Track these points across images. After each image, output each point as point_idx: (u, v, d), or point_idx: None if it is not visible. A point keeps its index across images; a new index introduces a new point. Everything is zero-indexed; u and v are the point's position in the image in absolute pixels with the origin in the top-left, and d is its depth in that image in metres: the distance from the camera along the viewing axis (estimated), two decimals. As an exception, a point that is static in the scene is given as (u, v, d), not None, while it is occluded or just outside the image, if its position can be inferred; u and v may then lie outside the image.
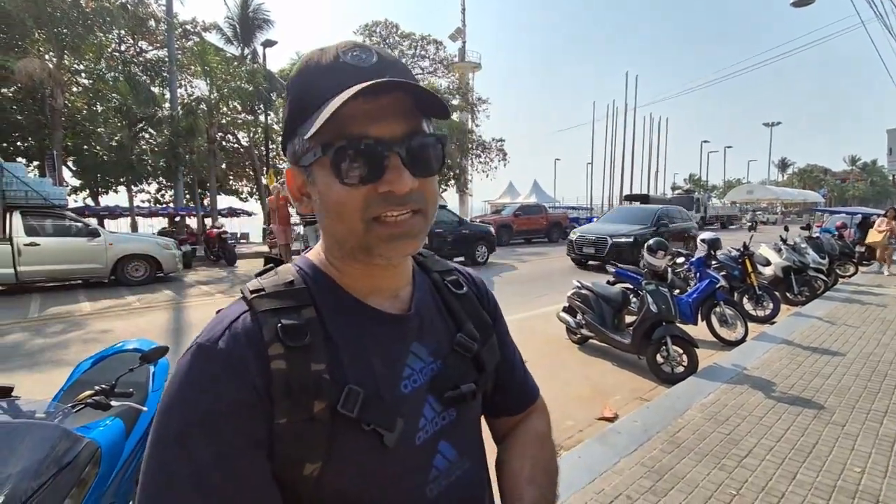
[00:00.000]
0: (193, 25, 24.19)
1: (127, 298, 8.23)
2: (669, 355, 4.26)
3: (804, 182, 68.03)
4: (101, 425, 1.65)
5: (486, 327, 0.73)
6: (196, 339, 0.55)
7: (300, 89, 0.56)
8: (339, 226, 0.56)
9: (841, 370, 4.22)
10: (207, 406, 0.49)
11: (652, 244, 4.76)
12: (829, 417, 3.30)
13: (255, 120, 22.53)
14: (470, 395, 0.66)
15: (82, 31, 13.97)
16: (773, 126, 61.58)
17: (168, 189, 26.21)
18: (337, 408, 0.53)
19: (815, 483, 2.53)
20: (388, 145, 0.52)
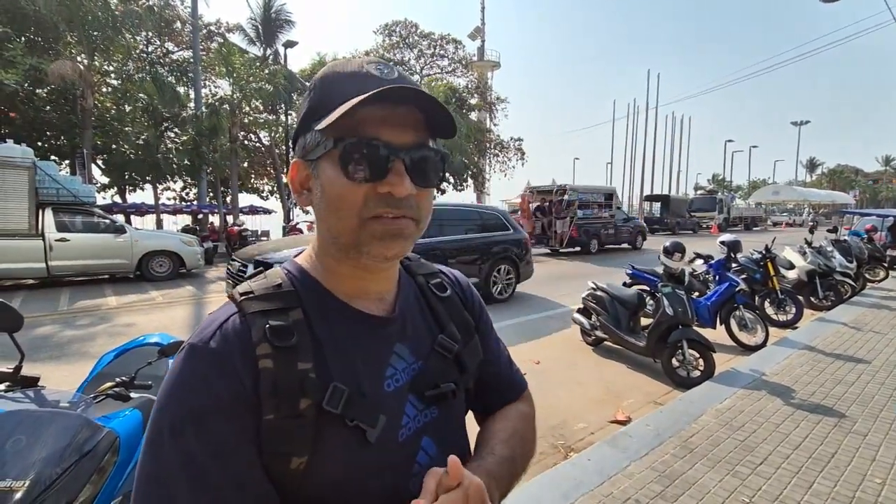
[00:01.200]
0: (218, 27, 24.74)
1: (151, 293, 8.48)
2: (685, 359, 4.20)
3: (834, 183, 65.86)
4: (121, 416, 1.71)
5: (467, 328, 0.75)
6: (188, 339, 0.57)
7: (321, 90, 0.60)
8: (336, 220, 0.58)
9: (865, 378, 4.09)
10: (199, 403, 0.52)
11: (669, 246, 4.69)
12: (851, 426, 3.21)
13: (277, 119, 22.91)
14: (450, 393, 0.68)
15: (112, 33, 14.43)
16: (802, 125, 59.80)
17: (192, 187, 26.87)
18: (322, 405, 0.56)
19: (832, 493, 2.47)
20: (395, 150, 0.56)
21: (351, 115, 0.54)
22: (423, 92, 0.56)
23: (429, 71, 37.79)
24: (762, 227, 34.73)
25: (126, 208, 21.65)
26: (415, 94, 0.56)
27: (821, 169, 75.14)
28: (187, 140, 16.67)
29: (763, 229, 33.48)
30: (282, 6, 22.63)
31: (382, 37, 37.55)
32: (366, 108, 0.54)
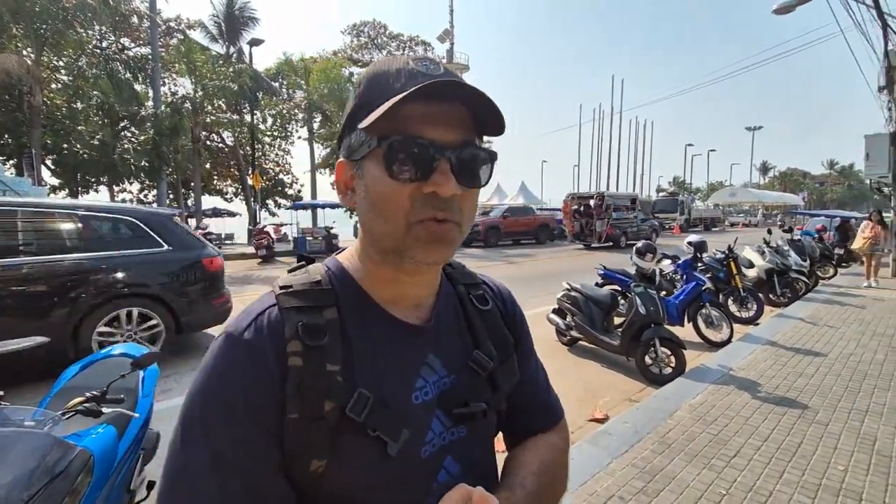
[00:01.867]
0: (178, 23, 23.91)
1: (109, 301, 8.05)
2: (658, 357, 4.32)
3: (784, 185, 69.58)
4: (94, 433, 1.61)
5: (506, 346, 0.72)
6: (226, 327, 0.58)
7: (366, 88, 0.58)
8: (380, 222, 0.57)
9: (823, 370, 4.32)
10: (229, 393, 0.53)
11: (640, 247, 4.83)
12: (813, 417, 3.38)
13: (241, 119, 22.30)
14: (480, 413, 0.65)
15: (62, 26, 13.69)
16: (755, 130, 62.90)
17: (151, 189, 25.80)
18: (345, 410, 0.54)
19: (800, 482, 2.59)
20: (440, 148, 0.54)
21: (395, 113, 0.52)
22: (469, 86, 0.54)
23: (398, 72, 37.65)
24: (721, 228, 36.24)
25: (79, 211, 20.56)
26: (460, 90, 0.54)
27: (773, 172, 79.29)
28: (146, 140, 15.97)
29: (722, 230, 34.95)
30: (246, 3, 22.10)
31: (351, 37, 37.21)
32: (410, 106, 0.52)
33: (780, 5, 10.51)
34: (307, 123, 25.23)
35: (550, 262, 13.78)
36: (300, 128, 27.55)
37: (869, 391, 3.84)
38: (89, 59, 16.90)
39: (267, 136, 27.33)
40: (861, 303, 7.33)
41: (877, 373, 4.25)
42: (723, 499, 2.43)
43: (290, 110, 25.59)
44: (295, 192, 30.52)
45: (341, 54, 34.37)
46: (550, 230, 21.47)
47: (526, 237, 20.48)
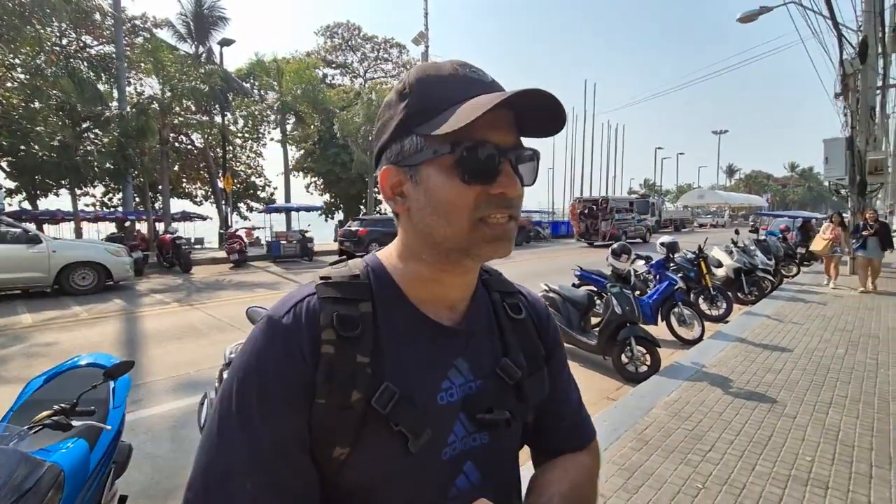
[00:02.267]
0: (143, 21, 23.15)
1: (73, 309, 7.73)
2: (634, 355, 4.42)
3: (749, 187, 72.25)
4: (63, 447, 1.54)
5: (536, 357, 0.72)
6: (268, 311, 0.62)
7: (419, 94, 0.59)
8: (444, 225, 0.58)
9: (790, 365, 4.50)
10: (264, 373, 0.56)
11: (616, 248, 4.93)
12: (782, 410, 3.51)
13: (211, 121, 21.72)
14: (503, 422, 0.64)
15: (18, 22, 13.06)
16: (721, 134, 65.13)
17: (115, 192, 24.87)
18: (370, 401, 0.56)
19: (772, 473, 2.68)
20: (503, 151, 0.57)
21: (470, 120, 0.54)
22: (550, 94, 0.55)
23: (373, 74, 37.48)
24: (690, 229, 37.38)
25: (38, 216, 19.70)
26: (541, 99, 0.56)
27: (739, 174, 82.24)
28: (111, 141, 15.38)
29: (691, 230, 36.05)
30: (215, 2, 21.53)
31: (324, 38, 36.84)
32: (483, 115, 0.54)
33: (744, 14, 10.94)
34: (280, 125, 24.79)
35: (527, 263, 13.92)
36: (272, 129, 27.08)
37: (832, 384, 4.02)
38: (48, 56, 16.17)
39: (238, 137, 26.74)
40: (822, 300, 7.66)
41: (839, 366, 4.45)
42: (699, 493, 2.49)
43: (261, 111, 25.12)
44: (268, 196, 29.94)
45: (315, 55, 33.98)
46: (526, 232, 21.70)
47: (502, 239, 20.57)
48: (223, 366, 2.62)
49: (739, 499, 2.44)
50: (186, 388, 4.25)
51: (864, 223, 8.63)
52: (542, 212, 32.57)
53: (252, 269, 13.40)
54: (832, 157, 12.05)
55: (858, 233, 8.62)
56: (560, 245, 21.89)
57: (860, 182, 11.02)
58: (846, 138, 11.35)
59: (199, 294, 9.27)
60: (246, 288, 10.11)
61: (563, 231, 27.93)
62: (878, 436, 3.12)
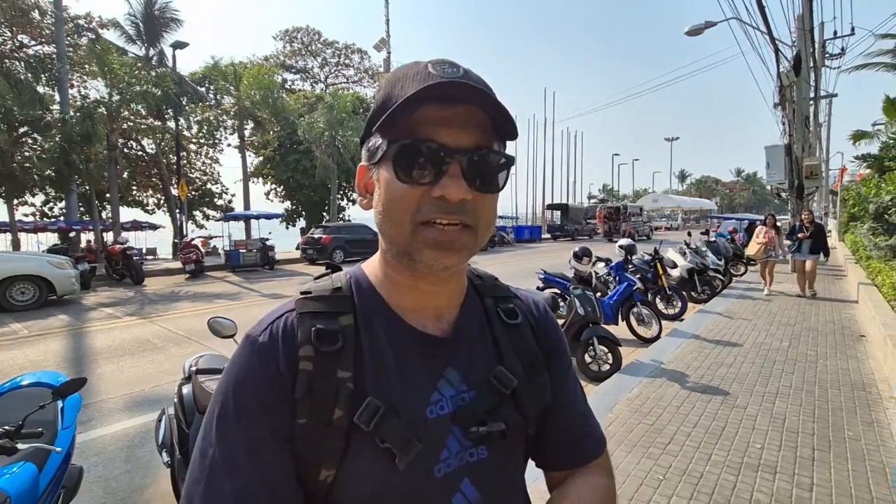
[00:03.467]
0: (88, 21, 22.00)
1: (12, 326, 7.20)
2: (597, 355, 4.55)
3: (700, 191, 75.94)
4: (8, 472, 1.45)
5: (535, 364, 0.67)
6: (248, 329, 0.60)
7: (385, 93, 0.57)
8: (390, 225, 0.56)
9: (740, 359, 4.76)
10: (242, 394, 0.55)
11: (578, 251, 5.07)
12: (734, 402, 3.70)
13: (163, 126, 20.85)
14: (498, 434, 0.60)
15: (-53, 20, 12.17)
16: (673, 141, 68.18)
17: (57, 201, 23.41)
18: (354, 418, 0.54)
19: (726, 461, 2.83)
20: (450, 152, 0.53)
21: (408, 117, 0.52)
22: (478, 89, 0.52)
23: (334, 80, 37.09)
24: (645, 232, 38.80)
25: (-31, 227, 18.27)
26: (468, 92, 0.52)
27: (690, 179, 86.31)
28: (52, 147, 14.48)
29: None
30: (167, 3, 20.74)
31: (283, 43, 36.21)
32: (424, 109, 0.52)
33: (691, 28, 11.56)
34: (238, 131, 24.10)
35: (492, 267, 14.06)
36: (230, 135, 26.28)
37: (778, 375, 4.28)
38: (-20, 56, 15.11)
39: (193, 143, 25.78)
40: (768, 297, 8.14)
41: (783, 359, 4.75)
42: (660, 483, 2.60)
43: (217, 116, 24.34)
44: (225, 203, 28.97)
45: (273, 60, 33.30)
46: (491, 237, 21.91)
47: (467, 244, 20.77)
48: (182, 380, 2.52)
49: (697, 487, 2.56)
50: (142, 406, 4.05)
51: (800, 224, 8.38)
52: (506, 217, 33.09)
53: (210, 280, 12.92)
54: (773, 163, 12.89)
55: (795, 235, 8.35)
56: (524, 249, 22.26)
57: (798, 185, 11.83)
58: (785, 145, 12.17)
59: (152, 307, 8.85)
60: (204, 299, 9.73)
61: (526, 235, 28.42)
62: (819, 422, 3.34)
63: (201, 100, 22.55)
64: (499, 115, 0.54)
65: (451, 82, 0.52)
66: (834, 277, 10.40)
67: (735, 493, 2.51)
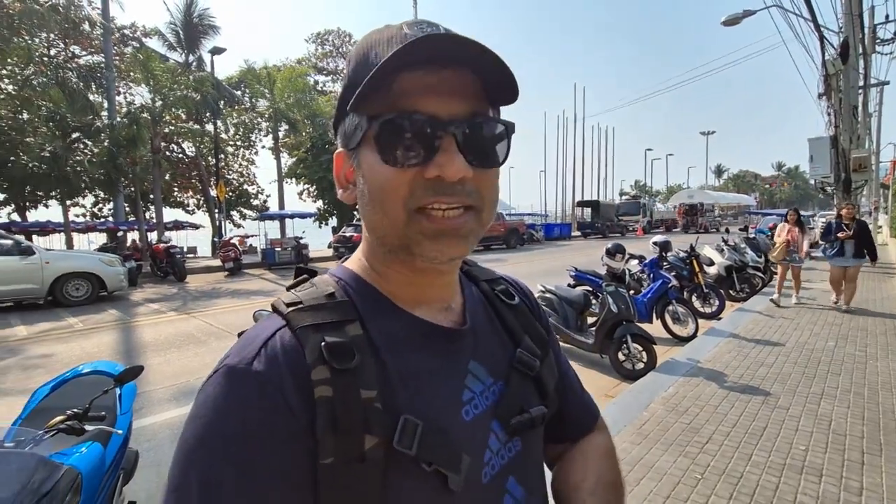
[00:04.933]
0: (133, 30, 23.13)
1: (68, 320, 7.67)
2: (630, 353, 4.48)
3: (738, 186, 73.10)
4: (78, 451, 1.57)
5: (543, 342, 0.64)
6: (223, 360, 0.47)
7: (355, 66, 0.49)
8: (380, 216, 0.49)
9: (782, 359, 4.59)
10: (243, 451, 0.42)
11: (611, 248, 5.01)
12: (775, 402, 3.58)
13: (202, 129, 21.69)
14: (539, 419, 0.57)
15: (7, 33, 13.01)
16: (709, 135, 65.89)
17: (106, 202, 24.71)
18: (393, 444, 0.45)
19: (767, 462, 2.75)
20: (442, 124, 0.45)
21: (387, 88, 0.44)
22: (469, 41, 0.44)
23: (363, 81, 37.56)
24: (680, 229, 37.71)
25: (27, 227, 19.49)
26: (459, 48, 0.44)
27: (727, 174, 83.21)
28: (101, 151, 15.30)
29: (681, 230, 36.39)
30: (205, 10, 21.58)
31: (315, 45, 36.95)
32: (405, 77, 0.44)
33: (728, 18, 11.16)
34: (272, 132, 24.81)
35: (523, 265, 14.00)
36: (264, 137, 27.08)
37: (823, 376, 4.11)
38: (37, 67, 16.08)
39: (230, 145, 26.68)
40: (811, 295, 7.79)
41: (829, 359, 4.55)
42: (698, 483, 2.55)
43: (252, 119, 25.11)
44: (261, 203, 29.87)
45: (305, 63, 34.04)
46: (520, 235, 21.81)
47: (496, 242, 20.73)
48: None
49: (737, 487, 2.50)
50: (188, 396, 4.26)
51: (838, 222, 6.74)
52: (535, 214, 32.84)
53: (247, 277, 13.36)
54: (817, 156, 12.29)
55: (831, 234, 6.67)
56: (554, 247, 22.00)
57: (845, 179, 11.24)
58: (830, 137, 11.58)
59: (195, 303, 9.24)
60: (242, 296, 10.09)
61: (556, 233, 28.08)
62: (869, 424, 3.20)
63: (237, 103, 23.34)
64: (494, 75, 0.46)
65: (434, 36, 0.43)
66: (885, 276, 9.85)
67: (777, 494, 2.45)
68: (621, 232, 30.10)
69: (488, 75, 0.46)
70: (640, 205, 35.72)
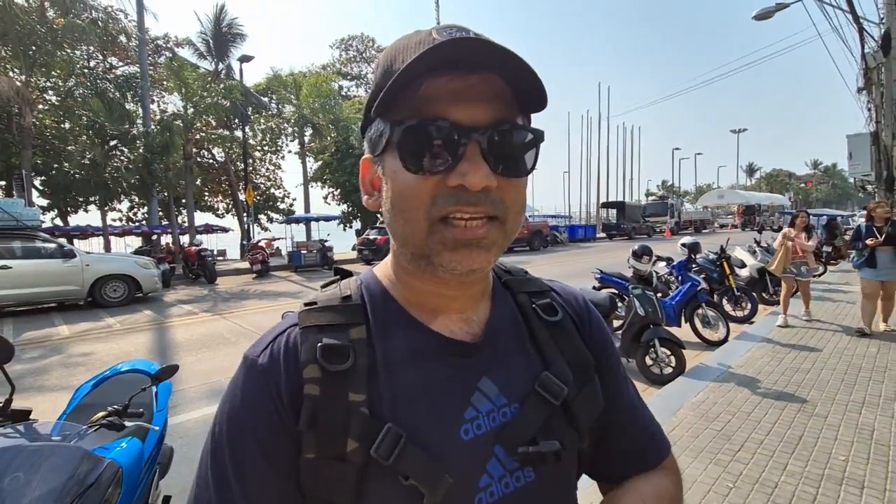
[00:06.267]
0: (166, 41, 24.00)
1: (106, 321, 8.01)
2: (658, 357, 4.39)
3: (771, 186, 70.69)
4: (118, 446, 1.64)
5: (584, 367, 0.58)
6: (246, 350, 0.53)
7: (383, 69, 0.49)
8: (402, 224, 0.48)
9: (819, 365, 4.41)
10: (238, 432, 0.49)
11: (637, 249, 4.92)
12: (812, 410, 3.45)
13: (232, 135, 22.31)
14: (551, 455, 0.51)
15: (51, 47, 13.69)
16: (740, 132, 63.96)
17: (140, 207, 25.69)
18: (371, 451, 0.46)
19: (804, 473, 2.65)
20: (466, 131, 0.44)
21: (412, 94, 0.44)
22: (497, 46, 0.43)
23: (387, 85, 37.93)
24: (710, 230, 36.69)
25: (69, 231, 20.42)
26: (488, 53, 0.43)
27: (759, 173, 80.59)
28: (137, 158, 15.95)
29: (712, 231, 35.41)
30: (233, 20, 22.20)
31: (339, 51, 37.54)
32: (430, 83, 0.44)
33: (759, 11, 10.82)
34: (298, 137, 25.31)
35: (546, 267, 13.88)
36: (290, 142, 27.68)
37: (864, 383, 3.93)
38: (78, 78, 16.88)
39: (258, 150, 27.36)
40: (851, 298, 7.46)
41: (870, 366, 4.35)
42: (730, 492, 2.48)
43: (279, 125, 25.72)
44: (287, 207, 30.50)
45: (330, 68, 34.62)
46: (543, 237, 21.62)
47: (519, 244, 20.60)
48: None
49: (772, 497, 2.42)
50: (219, 395, 4.36)
51: (868, 225, 5.41)
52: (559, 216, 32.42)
53: (274, 279, 13.66)
54: (856, 153, 11.78)
55: (860, 240, 5.43)
56: (578, 249, 21.73)
57: (888, 177, 10.73)
58: (871, 133, 11.09)
59: (225, 304, 9.50)
60: (270, 297, 10.33)
61: (580, 235, 27.72)
62: (915, 435, 3.05)
63: (265, 109, 23.93)
64: (523, 82, 0.46)
65: (460, 40, 0.43)
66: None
67: (814, 505, 2.36)
68: (648, 233, 29.47)
69: (517, 82, 0.46)
70: (667, 205, 34.84)
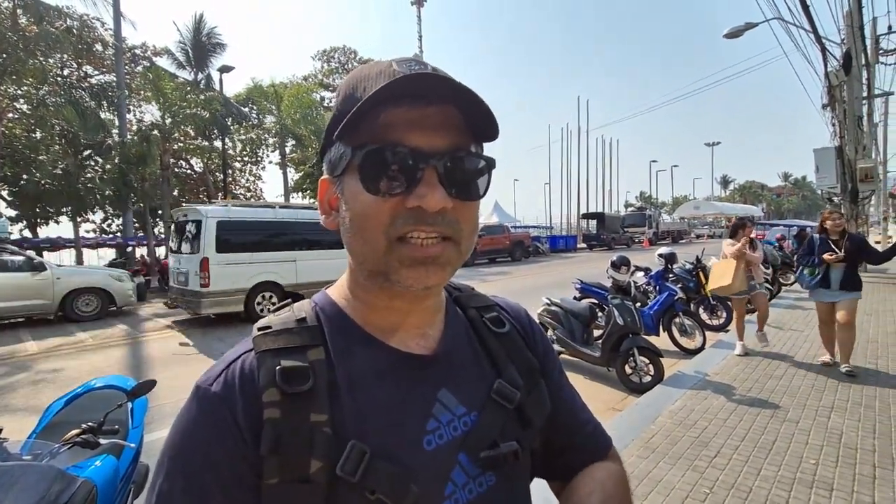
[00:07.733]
0: (143, 50, 23.65)
1: (77, 335, 7.75)
2: (637, 366, 4.47)
3: (744, 197, 72.90)
4: (93, 464, 1.60)
5: (531, 372, 0.62)
6: (198, 379, 0.52)
7: (344, 97, 0.52)
8: (360, 243, 0.51)
9: (791, 371, 4.55)
10: (191, 464, 0.47)
11: (616, 260, 5.02)
12: (785, 415, 3.56)
13: (211, 146, 22.02)
14: (511, 455, 0.55)
15: (23, 55, 13.38)
16: (714, 146, 65.97)
17: (115, 218, 25.06)
18: (336, 469, 0.46)
19: (777, 477, 2.73)
20: (425, 156, 0.47)
21: (374, 120, 0.47)
22: (451, 80, 0.47)
23: (369, 96, 38.02)
24: (687, 240, 37.61)
25: (39, 243, 19.78)
26: (441, 86, 0.47)
27: (733, 185, 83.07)
28: (112, 168, 15.59)
29: (688, 241, 36.27)
30: (212, 29, 22.04)
31: (321, 63, 37.54)
32: (391, 111, 0.47)
33: (730, 30, 11.27)
34: (279, 148, 25.15)
35: (528, 278, 14.00)
36: (271, 152, 27.46)
37: (833, 388, 4.07)
38: (51, 87, 16.50)
39: (238, 161, 27.05)
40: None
41: (839, 371, 4.50)
42: (707, 497, 2.54)
43: (259, 136, 25.53)
44: (267, 218, 30.11)
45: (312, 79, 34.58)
46: (525, 247, 21.84)
47: (501, 255, 20.76)
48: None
49: (746, 502, 2.48)
50: (195, 410, 4.28)
51: (822, 237, 4.61)
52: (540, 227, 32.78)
53: (253, 291, 13.42)
54: (823, 166, 12.26)
55: (812, 256, 4.62)
56: (559, 259, 21.99)
57: (852, 189, 11.21)
58: (836, 147, 11.59)
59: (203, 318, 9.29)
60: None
61: (561, 245, 28.09)
62: (881, 438, 3.17)
63: (245, 120, 23.72)
64: (476, 114, 0.49)
65: (421, 74, 0.47)
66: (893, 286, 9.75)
67: (787, 509, 2.43)
68: (627, 244, 30.07)
69: (470, 114, 0.49)
70: (645, 216, 35.70)
